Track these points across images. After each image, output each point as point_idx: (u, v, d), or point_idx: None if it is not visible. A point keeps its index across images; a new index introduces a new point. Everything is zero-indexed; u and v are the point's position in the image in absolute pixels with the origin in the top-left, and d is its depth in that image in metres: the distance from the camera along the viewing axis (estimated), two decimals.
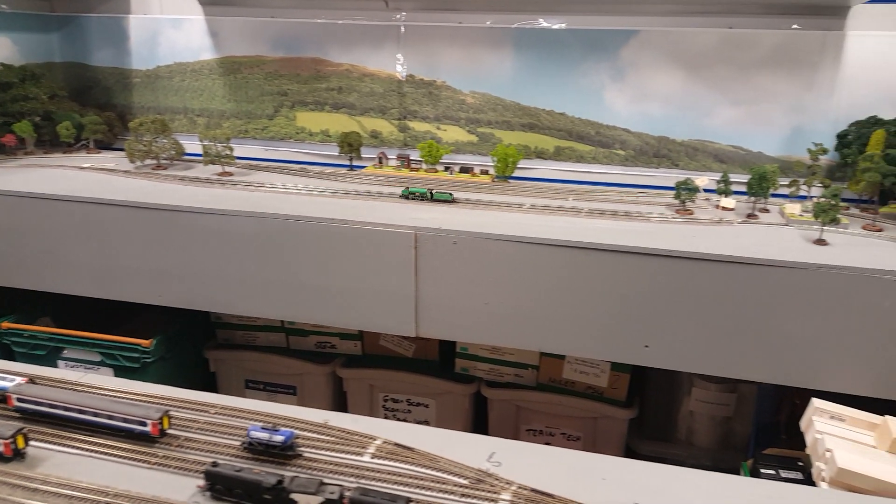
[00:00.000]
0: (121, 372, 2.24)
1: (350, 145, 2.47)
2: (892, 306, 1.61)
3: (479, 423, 2.37)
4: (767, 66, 2.39)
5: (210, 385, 2.57)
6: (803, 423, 1.70)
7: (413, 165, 2.50)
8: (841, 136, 2.34)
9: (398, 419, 2.37)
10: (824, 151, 2.20)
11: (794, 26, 2.36)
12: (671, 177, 2.34)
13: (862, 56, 2.32)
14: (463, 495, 0.76)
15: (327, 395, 2.41)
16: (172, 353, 2.37)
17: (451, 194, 2.13)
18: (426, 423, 2.32)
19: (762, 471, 1.70)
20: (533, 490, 0.77)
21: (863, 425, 1.61)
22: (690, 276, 1.72)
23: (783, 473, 1.67)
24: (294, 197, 2.17)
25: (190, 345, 2.49)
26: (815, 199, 1.91)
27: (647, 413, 2.30)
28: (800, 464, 1.67)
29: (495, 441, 0.86)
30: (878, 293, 1.61)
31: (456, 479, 0.79)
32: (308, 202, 2.09)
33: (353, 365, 2.40)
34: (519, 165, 2.57)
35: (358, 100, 2.71)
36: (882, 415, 1.58)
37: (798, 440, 1.67)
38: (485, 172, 2.49)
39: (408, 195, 2.14)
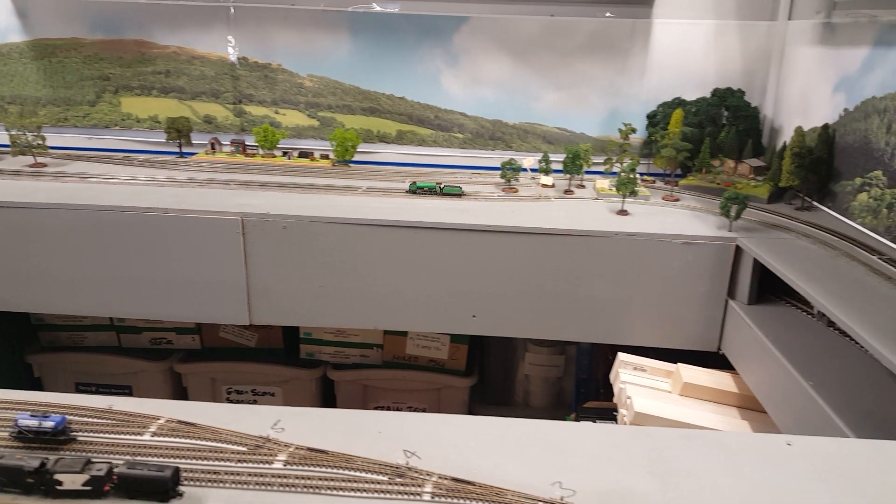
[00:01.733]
0: None
1: (178, 131, 2.37)
2: (681, 267, 1.81)
3: (328, 406, 2.39)
4: (585, 53, 2.57)
5: (36, 391, 2.39)
6: (612, 376, 1.88)
7: (249, 151, 2.45)
8: (650, 117, 2.58)
9: None
10: (633, 130, 2.40)
11: (608, 14, 2.55)
12: (506, 158, 2.47)
13: (667, 42, 2.55)
14: (239, 461, 0.78)
15: (165, 392, 2.33)
16: None
17: (460, 187, 2.09)
18: None
19: (582, 422, 1.86)
20: (309, 449, 0.81)
21: (660, 373, 1.81)
22: (509, 248, 1.83)
23: (600, 423, 1.84)
24: (115, 187, 2.06)
25: (8, 350, 2.31)
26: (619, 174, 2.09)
27: (487, 380, 2.42)
28: (615, 413, 1.84)
29: (281, 409, 0.89)
30: (668, 255, 1.80)
31: (235, 447, 0.81)
32: (131, 192, 2.00)
33: (192, 359, 2.33)
34: (363, 149, 2.60)
35: (188, 83, 2.61)
36: (676, 363, 1.79)
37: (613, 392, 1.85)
38: (325, 157, 2.49)
39: (415, 190, 2.08)
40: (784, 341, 1.52)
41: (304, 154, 2.45)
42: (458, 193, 2.10)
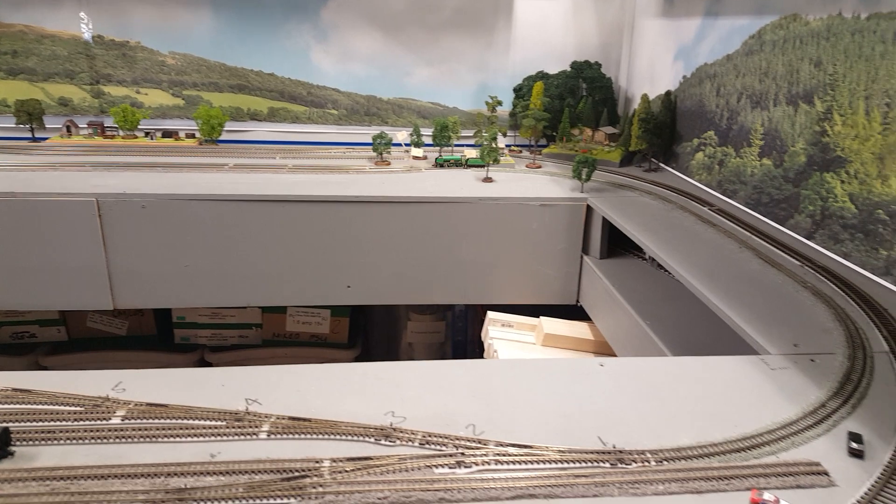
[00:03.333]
0: None
1: (29, 114, 2.24)
2: (540, 227, 1.92)
3: None
4: (453, 28, 2.64)
5: None
6: (483, 334, 1.98)
7: (108, 133, 2.35)
8: (516, 90, 2.69)
9: None
10: (499, 103, 2.50)
11: None
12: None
13: (529, 18, 2.67)
14: (76, 420, 0.79)
15: None
16: None
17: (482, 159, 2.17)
18: None
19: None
20: (149, 404, 0.82)
21: (526, 328, 1.92)
22: (379, 218, 1.87)
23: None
24: None
25: None
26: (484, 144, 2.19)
27: (371, 351, 2.47)
28: None
29: (123, 372, 0.89)
30: (528, 217, 1.91)
31: (72, 408, 0.81)
32: None
33: (59, 352, 2.22)
34: (234, 128, 2.56)
35: (38, 64, 2.45)
36: (538, 316, 1.91)
37: None
38: (191, 136, 2.43)
39: (442, 163, 2.20)
40: (628, 288, 1.67)
41: (168, 134, 2.38)
42: (481, 165, 2.18)
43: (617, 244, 1.91)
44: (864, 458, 0.78)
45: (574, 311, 1.99)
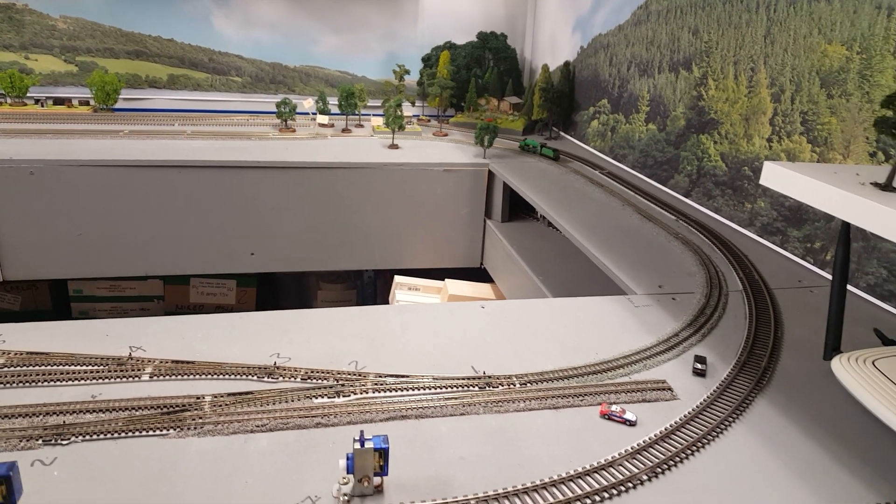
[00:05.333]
0: None
1: None
2: (444, 192, 1.98)
3: None
4: None
5: None
6: (391, 298, 2.02)
7: None
8: (425, 60, 2.72)
9: None
10: (407, 72, 2.52)
11: None
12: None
13: None
14: None
15: None
16: None
17: (554, 150, 2.06)
18: None
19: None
20: (29, 353, 0.82)
21: (432, 290, 1.98)
22: (281, 183, 1.87)
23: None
24: None
25: None
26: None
27: None
28: None
29: (2, 326, 0.88)
30: (432, 182, 1.96)
31: None
32: None
33: None
34: (132, 96, 2.47)
35: None
36: (443, 279, 1.97)
37: None
38: (85, 104, 2.33)
39: (523, 146, 2.18)
40: (525, 248, 1.75)
41: (60, 101, 2.28)
42: (551, 157, 2.06)
43: (519, 208, 1.99)
44: (705, 376, 0.88)
45: (479, 274, 2.07)
